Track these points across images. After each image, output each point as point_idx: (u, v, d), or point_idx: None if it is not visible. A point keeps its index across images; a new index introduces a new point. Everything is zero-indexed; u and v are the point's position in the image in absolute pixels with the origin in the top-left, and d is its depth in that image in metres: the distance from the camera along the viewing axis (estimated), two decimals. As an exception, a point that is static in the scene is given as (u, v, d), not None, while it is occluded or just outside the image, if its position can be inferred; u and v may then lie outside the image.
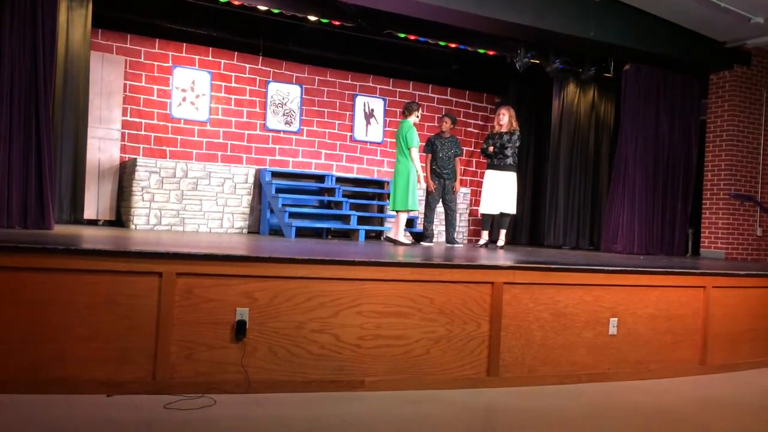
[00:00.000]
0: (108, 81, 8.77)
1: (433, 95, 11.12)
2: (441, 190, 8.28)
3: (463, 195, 10.61)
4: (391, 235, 7.58)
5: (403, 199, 7.39)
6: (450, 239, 8.32)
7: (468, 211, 10.79)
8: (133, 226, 8.28)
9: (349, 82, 10.51)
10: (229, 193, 8.91)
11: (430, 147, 8.37)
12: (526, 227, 11.06)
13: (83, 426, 3.26)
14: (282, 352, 4.01)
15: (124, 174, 8.68)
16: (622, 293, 5.03)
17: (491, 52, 9.66)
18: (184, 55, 9.38)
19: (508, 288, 4.60)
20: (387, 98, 10.77)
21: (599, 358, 4.91)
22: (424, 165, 8.04)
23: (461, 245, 8.07)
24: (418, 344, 4.34)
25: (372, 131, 10.69)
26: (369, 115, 10.67)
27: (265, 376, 3.97)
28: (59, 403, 3.49)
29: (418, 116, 7.63)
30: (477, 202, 8.51)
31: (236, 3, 8.02)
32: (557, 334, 4.76)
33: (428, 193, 8.32)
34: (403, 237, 7.60)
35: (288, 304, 4.04)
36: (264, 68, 9.89)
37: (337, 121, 10.42)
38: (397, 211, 7.55)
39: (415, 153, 7.38)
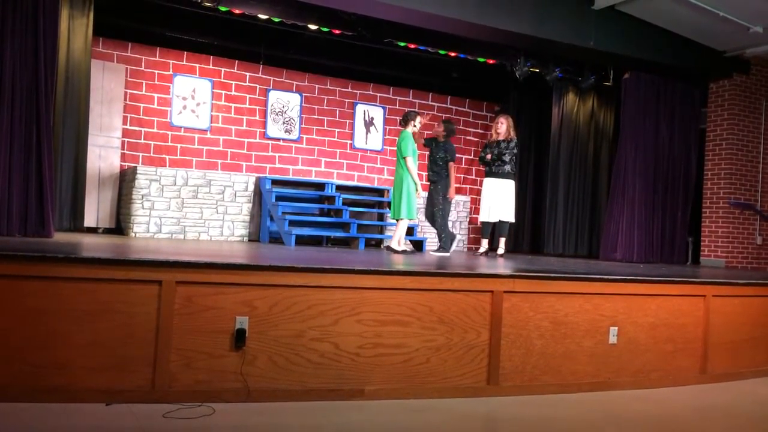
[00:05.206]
0: (108, 89, 8.79)
1: (433, 103, 11.13)
2: (431, 195, 7.92)
3: (462, 203, 10.62)
4: (392, 244, 7.56)
5: (399, 208, 7.44)
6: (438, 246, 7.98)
7: (468, 219, 10.80)
8: (133, 234, 8.28)
9: (349, 90, 10.53)
10: (230, 201, 8.91)
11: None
12: (526, 235, 11.06)
13: (82, 435, 3.26)
14: (281, 361, 4.01)
15: (125, 182, 8.68)
16: (622, 302, 5.02)
17: (491, 61, 9.68)
18: (184, 63, 9.40)
19: (507, 296, 4.60)
20: (387, 106, 10.79)
21: (599, 367, 4.90)
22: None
23: (447, 255, 7.57)
24: (417, 353, 4.33)
25: (372, 139, 10.71)
26: (369, 124, 10.68)
27: (264, 385, 3.96)
28: (58, 412, 3.48)
29: (416, 125, 7.63)
30: (476, 210, 8.49)
31: (237, 12, 8.05)
32: (557, 342, 4.75)
33: None
34: (400, 245, 7.58)
35: (287, 312, 4.03)
36: (264, 76, 9.92)
37: (337, 129, 10.44)
38: (396, 220, 7.60)
39: (410, 162, 7.38)
